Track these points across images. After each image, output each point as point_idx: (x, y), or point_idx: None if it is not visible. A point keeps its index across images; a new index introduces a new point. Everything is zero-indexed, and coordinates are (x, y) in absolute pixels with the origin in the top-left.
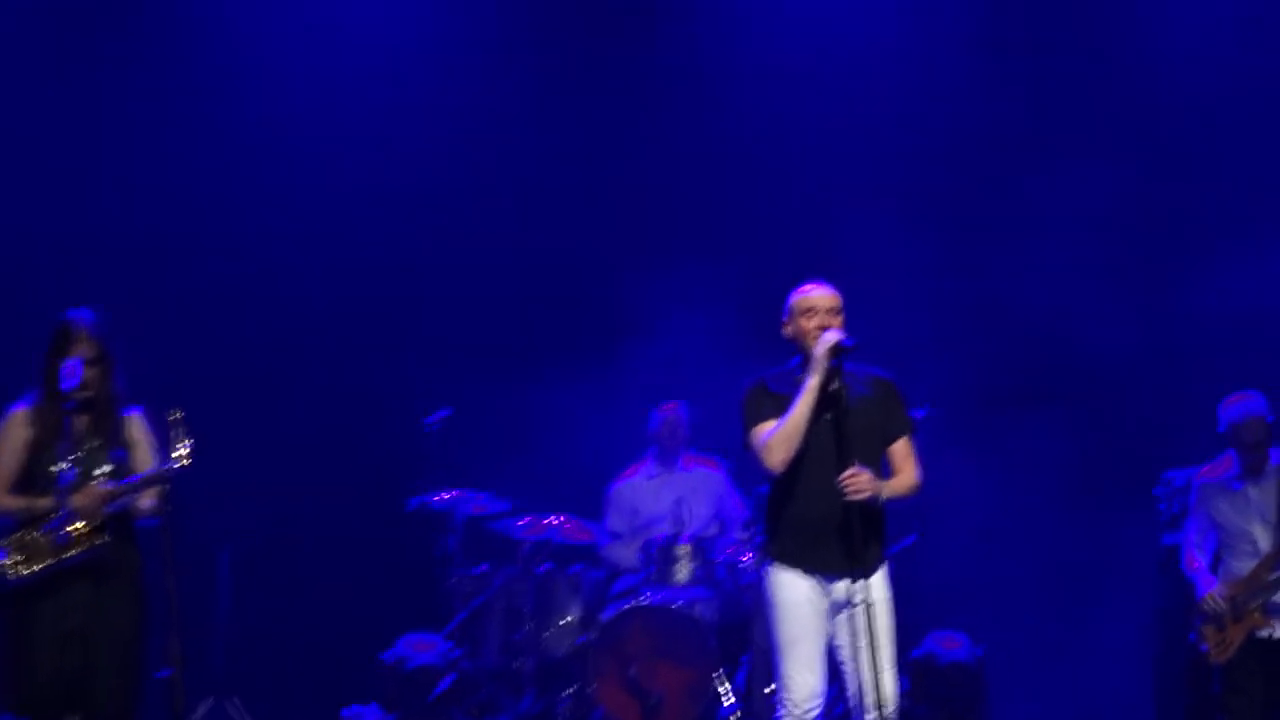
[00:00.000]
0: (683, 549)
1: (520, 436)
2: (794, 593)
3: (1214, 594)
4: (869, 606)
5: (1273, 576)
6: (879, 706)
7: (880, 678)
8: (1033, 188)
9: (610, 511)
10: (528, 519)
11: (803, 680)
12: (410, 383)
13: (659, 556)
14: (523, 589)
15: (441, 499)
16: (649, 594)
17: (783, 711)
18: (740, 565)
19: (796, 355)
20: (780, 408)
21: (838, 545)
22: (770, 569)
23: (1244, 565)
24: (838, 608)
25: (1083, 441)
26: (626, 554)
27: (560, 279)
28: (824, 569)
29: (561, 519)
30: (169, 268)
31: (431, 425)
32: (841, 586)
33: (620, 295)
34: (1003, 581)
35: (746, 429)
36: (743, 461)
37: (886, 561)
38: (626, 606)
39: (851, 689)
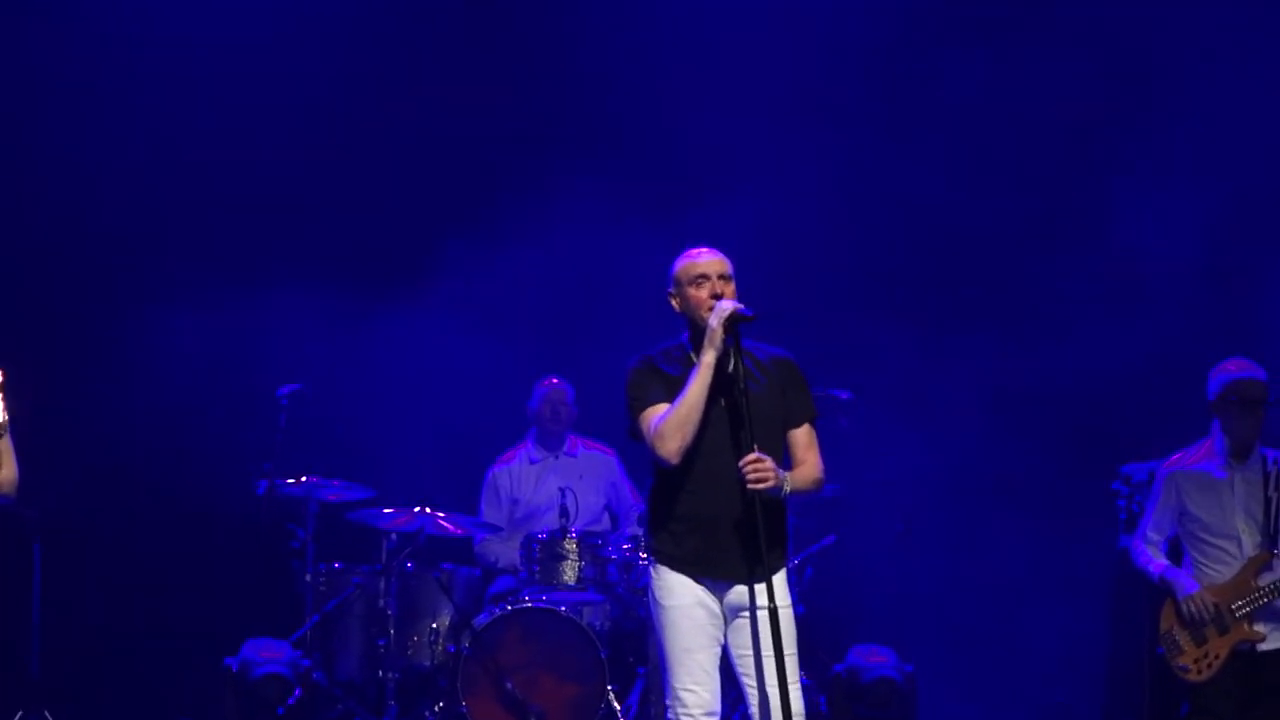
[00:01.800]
0: (570, 545)
1: (382, 414)
2: (684, 597)
3: (1200, 596)
4: (773, 612)
5: (1262, 581)
6: None
7: (787, 692)
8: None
9: (486, 501)
10: (392, 509)
11: (696, 694)
12: (260, 350)
13: (542, 553)
14: (385, 589)
15: (294, 484)
16: (530, 596)
17: None
18: (636, 565)
19: (684, 330)
20: (671, 389)
21: (735, 544)
22: (656, 570)
23: (1219, 569)
24: (734, 613)
25: (1027, 428)
26: (505, 550)
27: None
28: (719, 571)
29: (431, 509)
30: None
31: (283, 398)
32: (739, 590)
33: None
34: (933, 588)
35: (633, 414)
36: (634, 448)
37: (792, 563)
38: (504, 611)
39: (753, 705)
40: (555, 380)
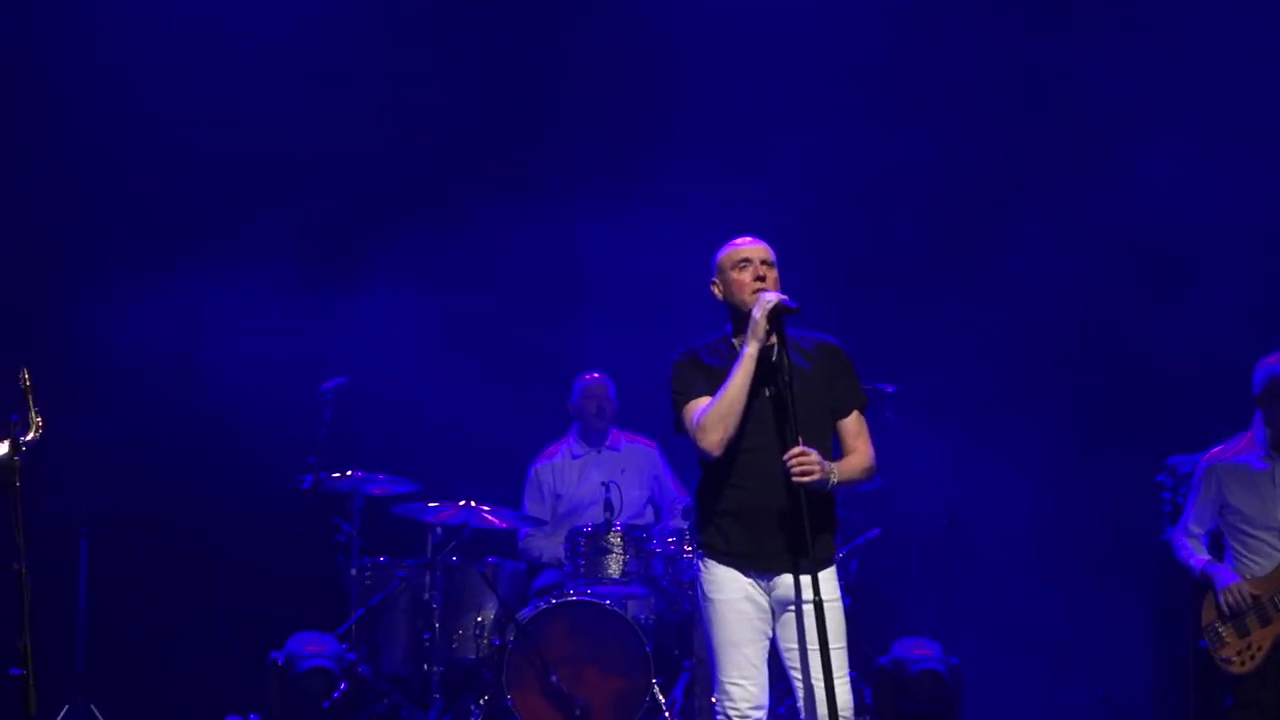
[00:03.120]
0: (614, 539)
1: (428, 409)
2: (732, 591)
3: (1238, 588)
4: (819, 606)
5: None
6: (833, 717)
7: (834, 685)
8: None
9: (529, 495)
10: (438, 503)
11: (743, 688)
12: (305, 344)
13: (587, 547)
14: (430, 583)
15: (339, 478)
16: (575, 590)
17: None
18: (681, 559)
19: (728, 322)
20: (715, 382)
21: (782, 537)
22: (705, 564)
23: (1261, 561)
24: (782, 607)
25: (1075, 420)
26: (549, 544)
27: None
28: (766, 564)
29: (476, 503)
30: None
31: (328, 393)
32: (786, 583)
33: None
34: (979, 582)
35: (677, 408)
36: (676, 442)
37: (838, 556)
38: (549, 604)
39: (800, 698)
40: (596, 375)
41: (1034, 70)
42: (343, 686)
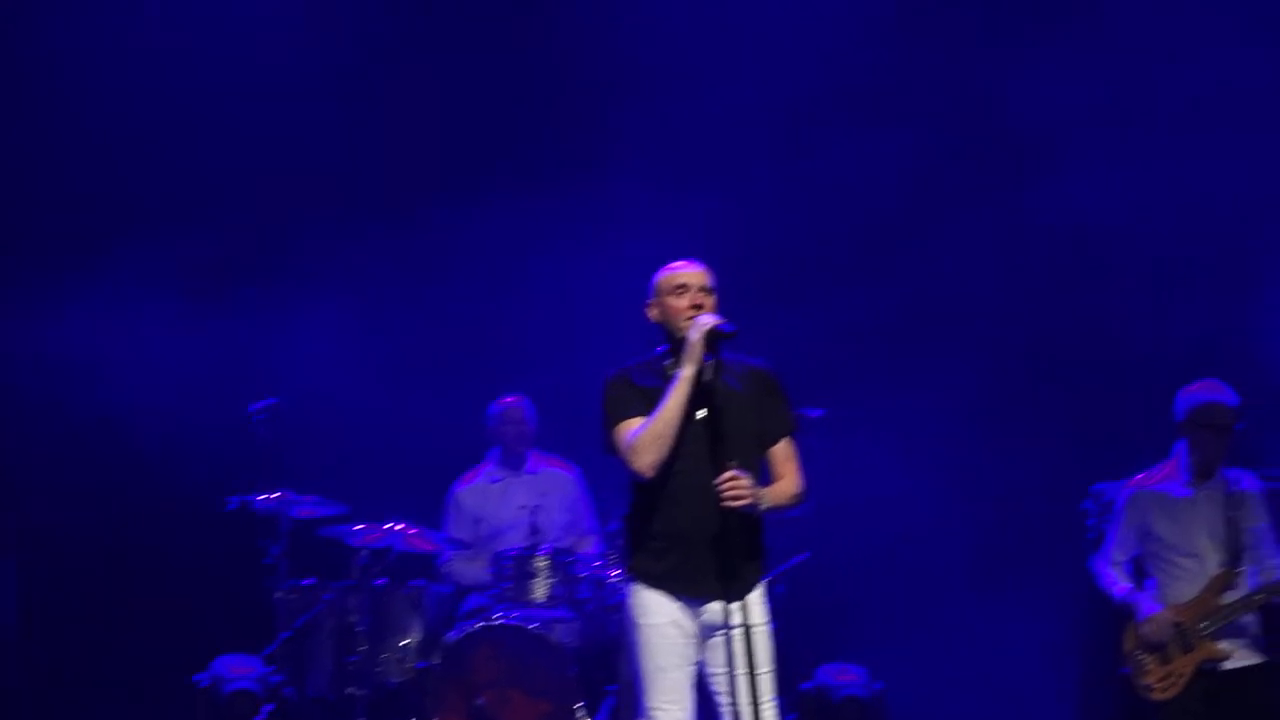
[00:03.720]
0: (541, 562)
1: (356, 431)
2: (660, 616)
3: (1159, 619)
4: (747, 630)
5: (1225, 600)
6: None
7: (760, 710)
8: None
9: (450, 519)
10: (364, 525)
11: (669, 713)
12: (235, 365)
13: (513, 570)
14: (356, 605)
15: (266, 499)
16: (501, 613)
17: None
18: (607, 583)
19: (662, 344)
20: (648, 403)
21: (711, 561)
22: (633, 589)
23: (1182, 587)
24: (709, 631)
25: (1002, 447)
26: (471, 568)
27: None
28: (695, 588)
29: (403, 525)
30: None
31: (257, 414)
32: (714, 608)
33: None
34: (905, 607)
35: (608, 427)
36: (596, 467)
37: (765, 581)
38: (475, 627)
39: None
40: (512, 398)
41: (965, 83)
42: (268, 709)
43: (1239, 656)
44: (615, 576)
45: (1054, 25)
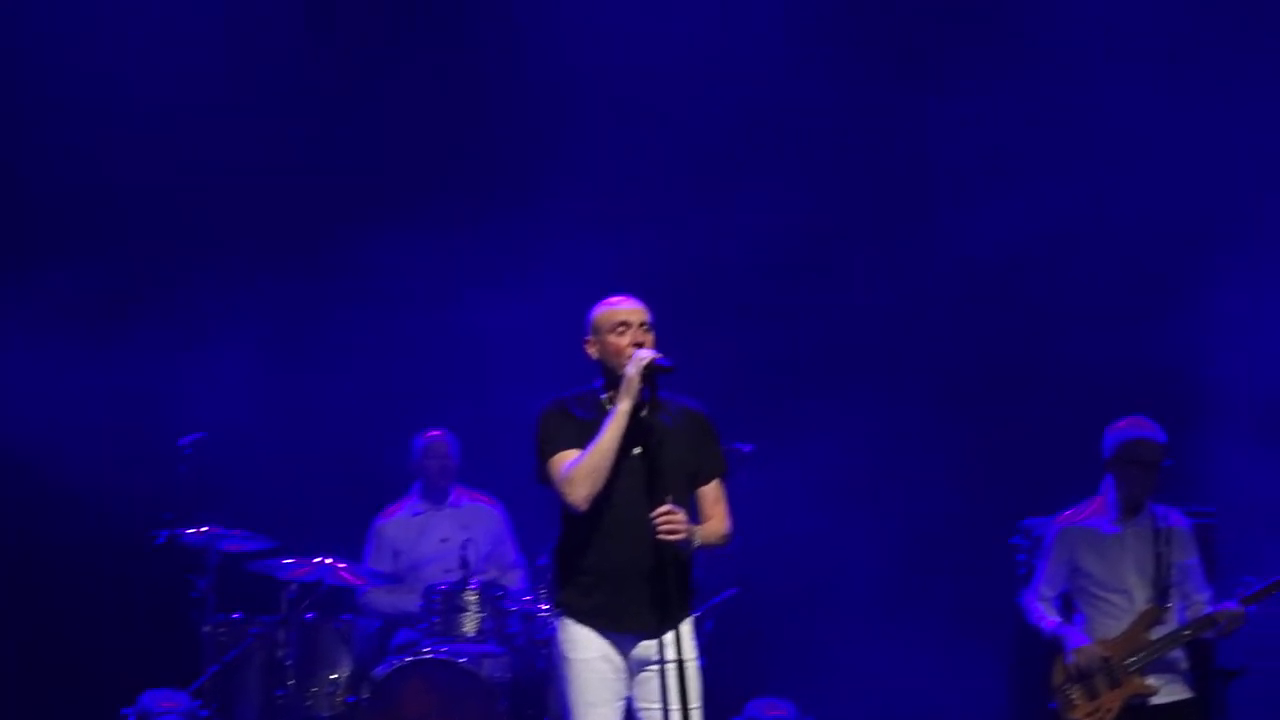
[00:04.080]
0: (470, 596)
1: (284, 466)
2: (589, 650)
3: (1088, 650)
4: (679, 666)
5: (1153, 636)
6: None
7: None
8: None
9: (371, 552)
10: (293, 559)
11: None
12: (163, 399)
13: (443, 604)
14: (285, 639)
15: (194, 533)
16: (430, 647)
17: None
18: (537, 617)
19: (598, 378)
20: (584, 435)
21: (644, 597)
22: (562, 623)
23: (1111, 623)
24: (640, 666)
25: (932, 481)
26: (389, 599)
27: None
28: (626, 624)
29: (332, 559)
30: None
31: (185, 447)
32: (645, 643)
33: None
34: (834, 642)
35: (543, 458)
36: (517, 501)
37: (693, 616)
38: (404, 661)
39: None
40: (437, 432)
41: (877, 114)
42: None
43: (1166, 692)
44: (545, 611)
45: (967, 53)
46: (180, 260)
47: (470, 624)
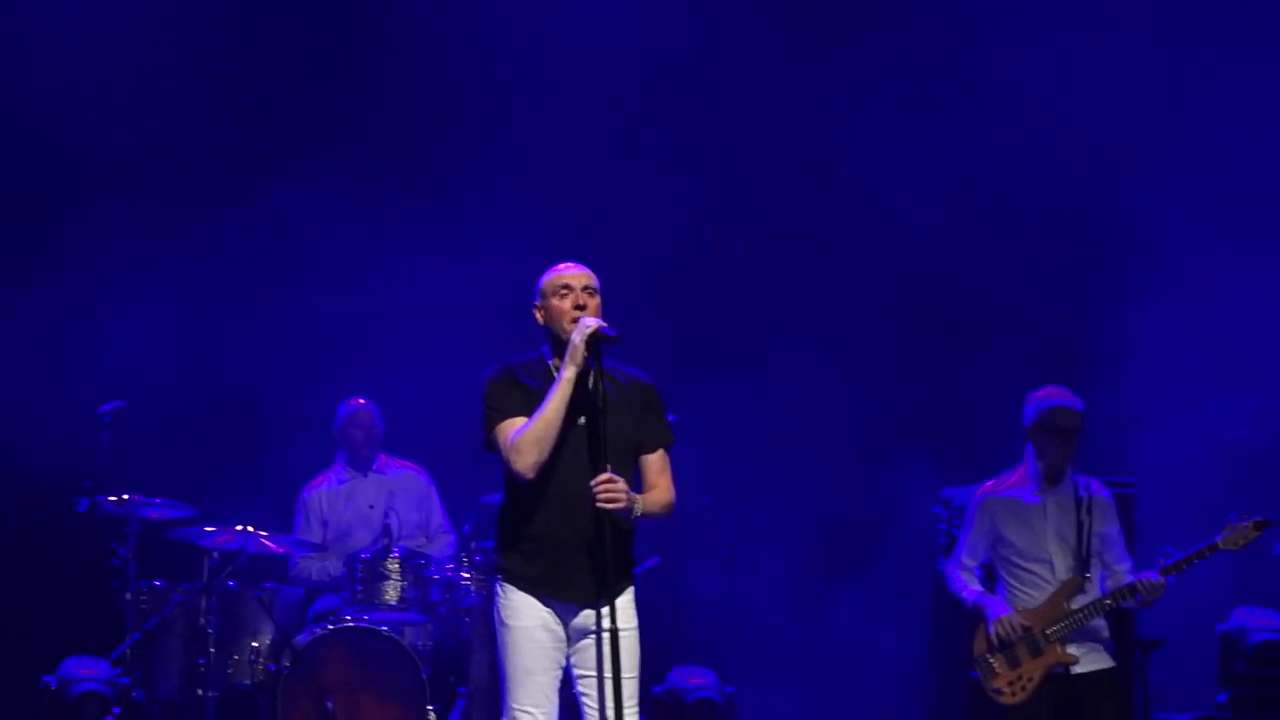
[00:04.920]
0: (392, 565)
1: (206, 434)
2: (529, 618)
3: (1009, 620)
4: (615, 634)
5: (1075, 605)
6: None
7: (625, 715)
8: None
9: (299, 522)
10: (215, 527)
11: (533, 716)
12: (83, 367)
13: (365, 573)
14: (206, 608)
15: (115, 501)
16: (352, 615)
17: None
18: (459, 585)
19: (545, 344)
20: (531, 402)
21: (586, 565)
22: (503, 589)
23: (1032, 593)
24: (580, 634)
25: (854, 451)
26: (318, 565)
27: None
28: (566, 592)
29: (253, 528)
30: None
31: (105, 415)
32: (585, 612)
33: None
34: (755, 611)
35: (489, 424)
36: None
37: (633, 586)
38: (325, 630)
39: None
40: (361, 400)
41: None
42: (115, 711)
43: (1087, 661)
44: (467, 579)
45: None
46: (98, 225)
47: (392, 592)
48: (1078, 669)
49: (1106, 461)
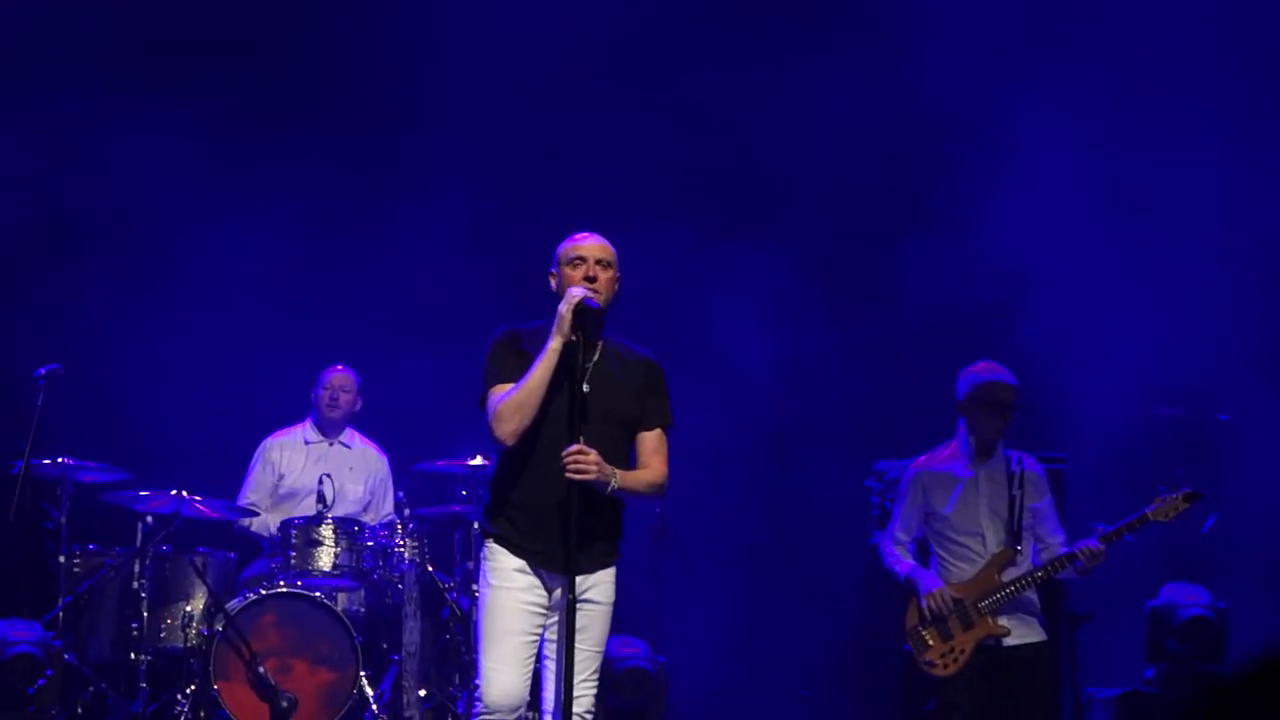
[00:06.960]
0: (326, 531)
1: (141, 397)
2: (516, 581)
3: (940, 593)
4: (573, 604)
5: (1006, 578)
6: (567, 711)
7: (580, 685)
8: None
9: (255, 469)
10: (149, 491)
11: (504, 679)
12: (16, 329)
13: (298, 538)
14: (140, 572)
15: (49, 464)
16: (285, 581)
17: (479, 709)
18: (393, 552)
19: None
20: (525, 369)
21: (568, 535)
22: (491, 550)
23: (964, 566)
24: (557, 603)
25: (786, 422)
26: (265, 522)
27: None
28: (549, 560)
29: (187, 493)
30: None
31: (40, 378)
32: (565, 581)
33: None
34: (688, 582)
35: (485, 384)
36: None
37: (615, 561)
38: (257, 595)
39: (547, 691)
40: (340, 367)
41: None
42: (48, 674)
43: (1019, 634)
44: (401, 547)
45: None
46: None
47: (326, 558)
48: (1009, 641)
49: (1038, 439)
